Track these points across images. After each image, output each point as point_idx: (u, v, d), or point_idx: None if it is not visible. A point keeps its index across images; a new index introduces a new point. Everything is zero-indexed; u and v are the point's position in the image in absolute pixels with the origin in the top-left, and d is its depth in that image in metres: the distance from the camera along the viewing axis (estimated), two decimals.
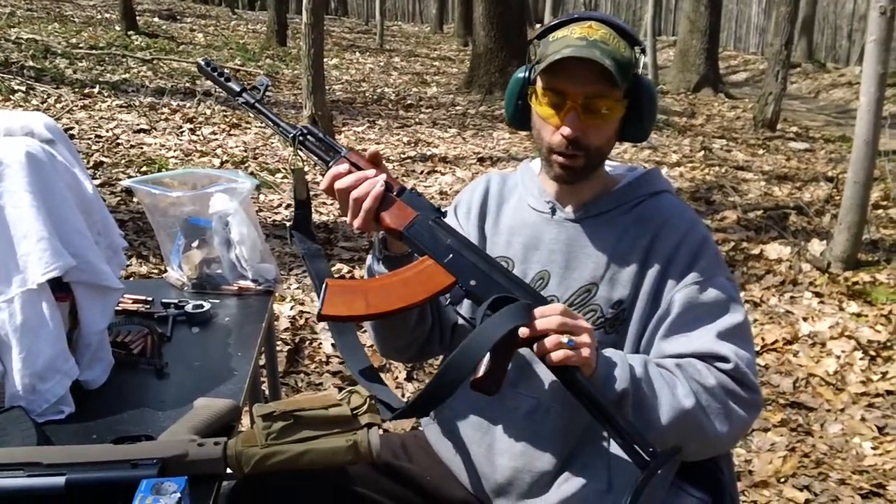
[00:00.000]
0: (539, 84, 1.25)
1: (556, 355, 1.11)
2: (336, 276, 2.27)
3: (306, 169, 1.36)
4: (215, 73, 1.30)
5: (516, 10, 10.15)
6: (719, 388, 1.21)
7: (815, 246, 4.52)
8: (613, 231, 1.30)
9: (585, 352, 1.12)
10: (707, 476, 1.33)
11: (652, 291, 1.27)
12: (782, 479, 2.49)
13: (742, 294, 3.95)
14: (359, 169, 1.21)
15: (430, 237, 1.20)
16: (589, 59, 1.16)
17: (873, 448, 2.68)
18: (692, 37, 12.60)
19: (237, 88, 1.29)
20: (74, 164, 1.30)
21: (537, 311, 1.13)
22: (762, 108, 9.01)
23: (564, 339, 1.11)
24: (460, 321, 1.38)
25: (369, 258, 1.35)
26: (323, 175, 1.23)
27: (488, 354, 1.14)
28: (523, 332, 1.11)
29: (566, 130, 1.21)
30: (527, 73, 1.30)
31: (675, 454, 1.17)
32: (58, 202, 1.20)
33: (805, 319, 3.66)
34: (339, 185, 1.20)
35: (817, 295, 3.97)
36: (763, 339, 3.45)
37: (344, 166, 1.21)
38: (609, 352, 1.20)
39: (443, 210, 1.24)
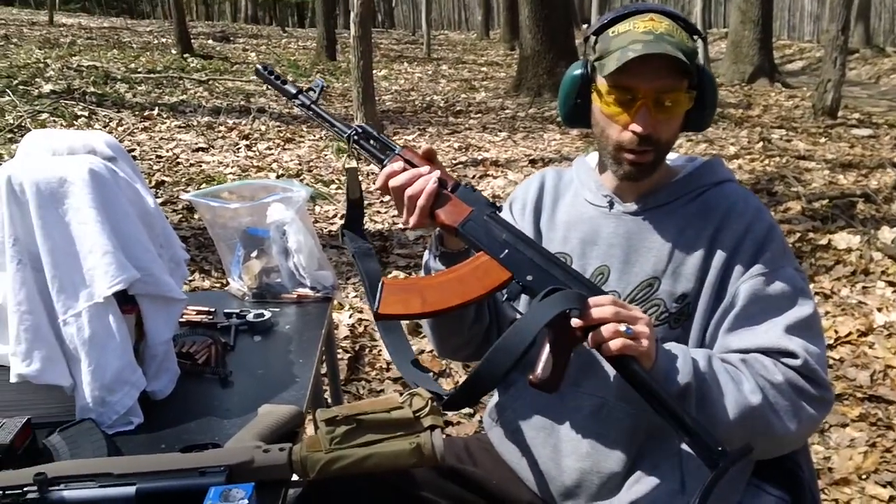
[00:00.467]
0: (603, 82, 1.21)
1: (615, 343, 1.07)
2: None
3: (362, 170, 1.36)
4: (272, 77, 1.33)
5: (562, 12, 10.09)
6: (787, 385, 1.16)
7: (886, 233, 4.36)
8: (675, 223, 1.26)
9: (644, 342, 1.09)
10: (786, 474, 1.28)
11: (717, 283, 1.22)
12: (864, 476, 2.39)
13: (812, 286, 3.82)
14: (413, 166, 1.20)
15: (485, 233, 1.18)
16: (663, 54, 1.13)
17: None
18: (744, 27, 12.32)
19: (294, 91, 1.31)
20: (136, 179, 1.32)
21: (590, 300, 1.10)
22: (821, 96, 8.74)
23: (622, 327, 1.07)
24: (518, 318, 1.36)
25: (426, 255, 1.34)
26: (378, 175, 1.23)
27: (547, 352, 1.11)
28: (576, 322, 1.08)
29: (638, 128, 1.18)
30: (584, 71, 1.26)
31: (746, 454, 1.12)
32: (121, 217, 1.22)
33: (879, 310, 3.53)
34: (393, 182, 1.19)
35: (891, 284, 3.82)
36: (836, 332, 3.33)
37: (398, 164, 1.20)
38: (670, 345, 1.17)
39: (498, 205, 1.22)
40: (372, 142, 1.26)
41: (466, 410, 2.68)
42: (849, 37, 9.23)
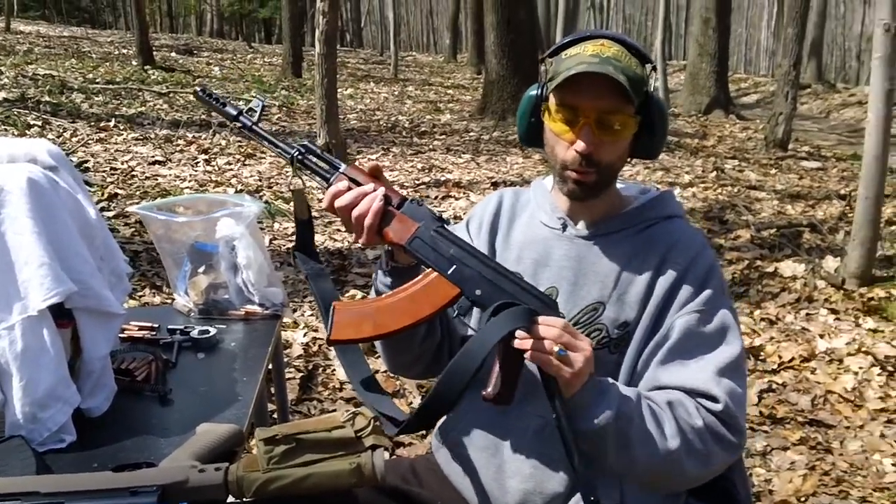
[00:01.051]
0: (552, 101, 1.25)
1: (540, 358, 1.10)
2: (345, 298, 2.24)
3: (311, 188, 1.35)
4: (211, 99, 1.30)
5: (528, 38, 10.22)
6: (706, 430, 1.18)
7: (830, 263, 4.49)
8: (624, 251, 1.29)
9: (566, 370, 1.10)
10: (721, 493, 1.30)
11: (655, 313, 1.25)
12: (803, 499, 2.43)
13: (757, 312, 3.92)
14: (358, 184, 1.20)
15: (432, 249, 1.18)
16: (602, 74, 1.16)
17: (894, 465, 2.62)
18: (702, 60, 12.64)
19: (234, 112, 1.28)
20: (77, 189, 1.30)
21: (540, 318, 1.11)
22: (773, 128, 8.99)
23: (556, 347, 1.09)
24: (469, 332, 1.37)
25: (376, 272, 1.34)
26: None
27: (498, 368, 1.13)
28: (520, 334, 1.10)
29: (580, 146, 1.21)
30: (539, 91, 1.29)
31: None
32: (59, 228, 1.20)
33: (821, 336, 3.62)
34: (338, 203, 1.19)
35: (833, 311, 3.93)
36: (780, 357, 3.40)
37: (343, 183, 1.20)
38: (607, 383, 1.18)
39: (445, 219, 1.23)
40: (317, 160, 1.25)
41: (420, 432, 2.67)
42: (801, 72, 9.53)
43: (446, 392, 1.12)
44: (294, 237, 4.80)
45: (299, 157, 1.25)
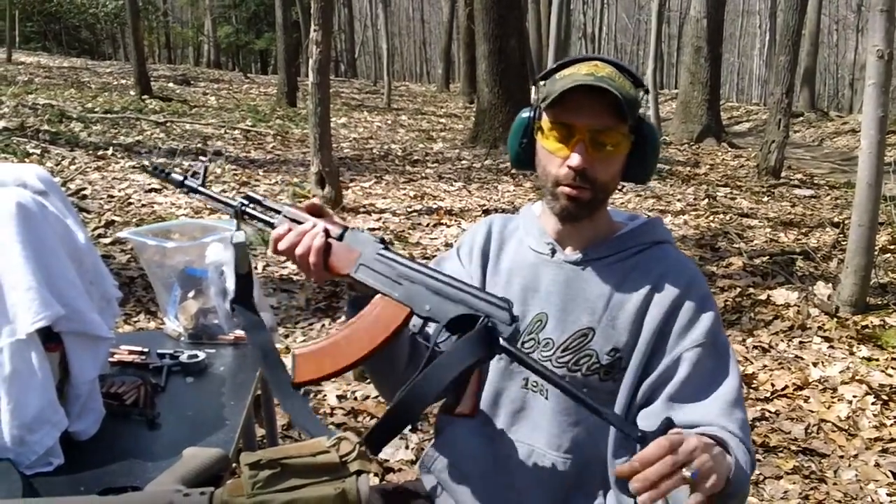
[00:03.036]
0: (546, 120, 1.26)
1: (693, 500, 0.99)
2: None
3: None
4: (157, 171, 1.35)
5: (518, 66, 10.34)
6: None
7: (823, 290, 4.48)
8: (613, 276, 1.29)
9: (711, 480, 1.00)
10: None
11: (652, 341, 1.25)
12: None
13: (750, 340, 3.92)
14: (299, 223, 1.21)
15: (378, 273, 1.19)
16: (599, 89, 1.17)
17: (889, 495, 2.60)
18: (693, 88, 12.76)
19: (180, 179, 1.32)
20: (67, 214, 1.31)
21: (638, 458, 0.98)
22: (765, 156, 9.05)
23: (687, 472, 0.97)
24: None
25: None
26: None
27: (470, 387, 1.14)
28: (635, 488, 0.97)
29: (574, 161, 1.21)
30: (532, 113, 1.31)
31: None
32: (47, 252, 1.21)
33: (815, 364, 3.61)
34: (281, 246, 1.21)
35: (826, 339, 3.92)
36: (773, 385, 3.39)
37: (283, 227, 1.22)
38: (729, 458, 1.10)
39: (386, 240, 1.24)
40: (260, 208, 1.27)
41: (409, 458, 2.66)
42: (793, 100, 9.62)
43: (399, 419, 1.12)
44: (288, 263, 4.82)
45: (242, 208, 1.27)
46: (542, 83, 1.31)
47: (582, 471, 1.29)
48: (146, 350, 1.67)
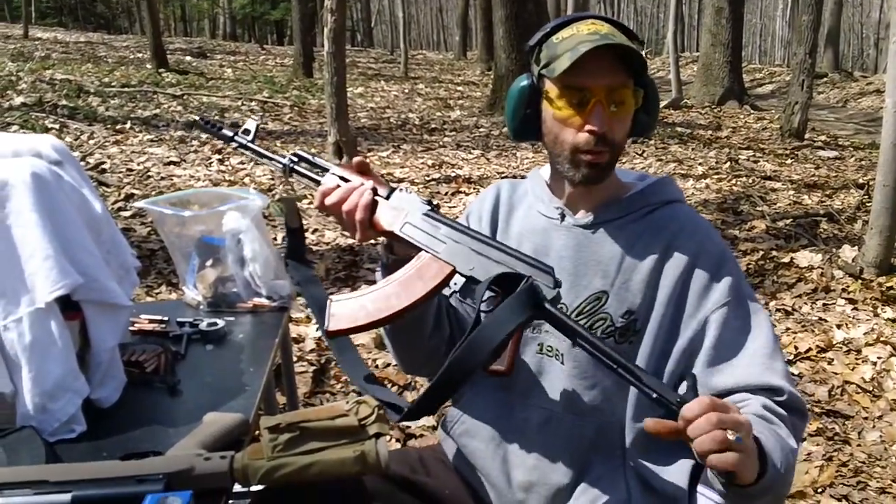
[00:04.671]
0: (552, 86, 1.22)
1: (723, 459, 0.95)
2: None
3: (307, 194, 1.38)
4: (208, 126, 1.39)
5: (536, 32, 10.19)
6: (791, 431, 1.15)
7: (847, 252, 4.43)
8: (624, 238, 1.27)
9: (742, 459, 0.96)
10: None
11: (670, 302, 1.23)
12: (820, 490, 2.41)
13: (773, 303, 3.88)
14: (347, 181, 1.22)
15: (423, 232, 1.19)
16: (613, 46, 1.14)
17: None
18: (715, 50, 12.53)
19: (230, 134, 1.36)
20: (83, 184, 1.31)
21: (686, 411, 0.97)
22: (789, 118, 8.90)
23: (731, 435, 0.94)
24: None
25: (378, 269, 1.34)
26: None
27: (510, 346, 1.12)
28: (649, 424, 0.99)
29: (594, 126, 1.18)
30: (531, 80, 1.27)
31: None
32: (64, 221, 1.21)
33: (839, 326, 3.58)
34: (328, 201, 1.21)
35: (851, 301, 3.89)
36: (796, 348, 3.37)
37: (331, 182, 1.22)
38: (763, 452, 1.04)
39: (434, 203, 1.23)
40: (308, 166, 1.28)
41: (430, 423, 2.67)
42: (817, 60, 9.43)
43: (451, 382, 1.10)
44: (307, 234, 4.84)
45: (291, 165, 1.29)
46: (539, 48, 1.26)
47: (601, 434, 1.28)
48: (166, 319, 1.68)
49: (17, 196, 1.15)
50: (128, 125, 7.87)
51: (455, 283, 1.20)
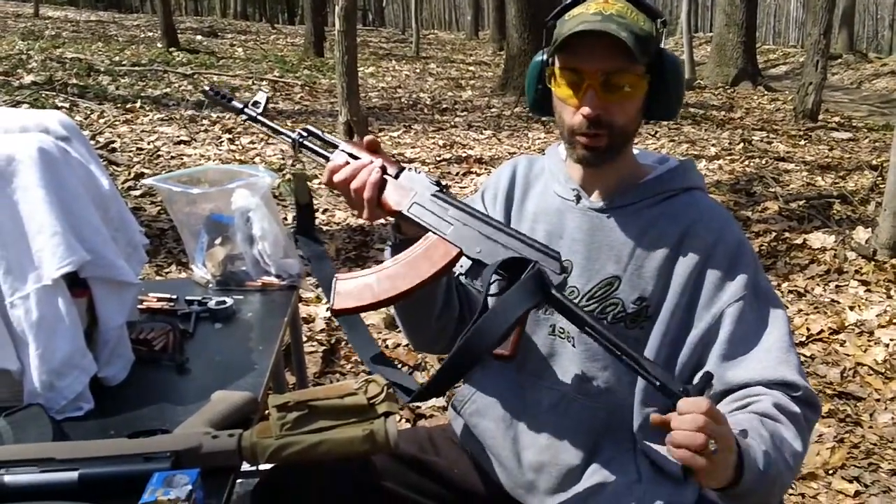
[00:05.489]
0: (556, 65, 1.20)
1: (688, 460, 0.96)
2: None
3: (316, 172, 1.37)
4: (218, 96, 1.38)
5: (549, 11, 9.99)
6: (803, 419, 1.15)
7: (860, 234, 4.40)
8: (640, 223, 1.24)
9: (712, 469, 0.97)
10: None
11: (686, 292, 1.21)
12: (831, 471, 2.40)
13: (786, 284, 3.86)
14: (356, 159, 1.20)
15: (431, 213, 1.17)
16: (604, 32, 1.11)
17: None
18: (729, 30, 12.38)
19: (240, 106, 1.35)
20: (90, 160, 1.30)
21: (682, 404, 0.99)
22: (802, 99, 8.80)
23: (712, 446, 0.96)
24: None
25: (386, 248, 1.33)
26: None
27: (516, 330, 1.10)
28: (654, 418, 1.01)
29: (585, 110, 1.16)
30: (545, 56, 1.25)
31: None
32: (71, 197, 1.20)
33: (851, 308, 3.56)
34: (337, 177, 1.20)
35: (863, 283, 3.86)
36: (808, 330, 3.34)
37: (341, 158, 1.21)
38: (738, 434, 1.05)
39: (443, 184, 1.21)
40: (318, 142, 1.26)
41: (440, 403, 2.67)
42: (831, 41, 9.30)
43: (461, 365, 1.09)
44: (317, 213, 4.83)
45: (301, 140, 1.28)
46: (554, 24, 1.24)
47: (611, 416, 1.27)
48: (174, 297, 1.68)
49: (24, 172, 1.15)
50: (138, 104, 7.85)
51: (462, 265, 1.19)
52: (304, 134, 1.29)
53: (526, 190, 1.37)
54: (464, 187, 5.75)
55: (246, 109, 1.34)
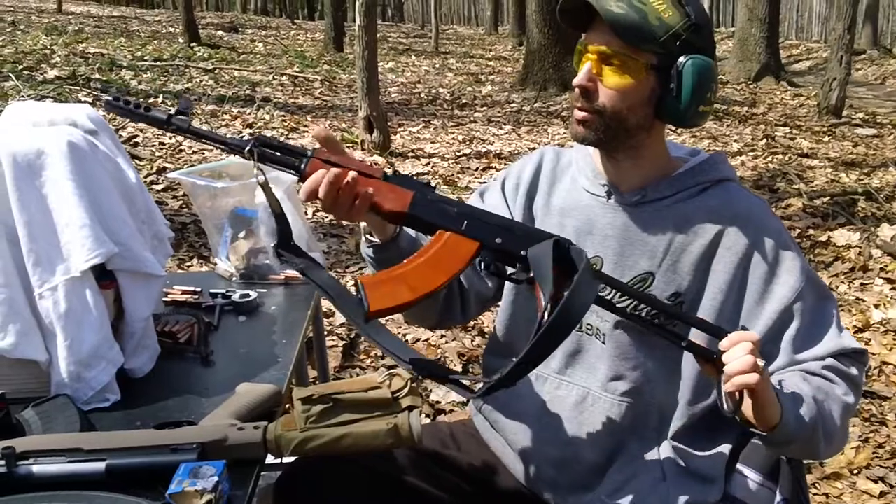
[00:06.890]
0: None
1: (745, 379, 1.04)
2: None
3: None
4: (129, 107, 1.09)
5: None
6: (854, 377, 1.23)
7: (886, 231, 4.34)
8: (674, 218, 1.22)
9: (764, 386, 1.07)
10: (768, 460, 1.26)
11: (727, 289, 1.20)
12: (855, 471, 2.37)
13: None
14: (335, 165, 1.10)
15: (436, 211, 1.13)
16: (589, 5, 1.11)
17: None
18: (751, 25, 12.23)
19: (163, 117, 1.10)
20: (117, 153, 1.31)
21: (729, 338, 1.09)
22: (826, 95, 8.69)
23: (761, 361, 1.06)
24: (507, 286, 1.36)
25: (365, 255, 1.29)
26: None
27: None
28: (706, 368, 1.13)
29: (576, 78, 1.17)
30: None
31: None
32: (99, 190, 1.21)
33: (877, 306, 3.51)
34: (323, 191, 1.08)
35: (889, 281, 3.81)
36: None
37: (319, 172, 1.09)
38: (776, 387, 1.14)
39: (432, 184, 1.18)
40: (276, 149, 1.12)
41: (460, 399, 2.67)
42: (855, 36, 9.18)
43: (540, 355, 1.03)
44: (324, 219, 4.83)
45: (256, 149, 1.10)
46: None
47: (638, 416, 1.26)
48: (199, 290, 1.69)
49: (53, 165, 1.16)
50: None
51: (481, 260, 1.17)
52: (258, 143, 1.11)
53: (553, 183, 1.34)
54: (483, 182, 5.73)
55: (173, 119, 1.10)
